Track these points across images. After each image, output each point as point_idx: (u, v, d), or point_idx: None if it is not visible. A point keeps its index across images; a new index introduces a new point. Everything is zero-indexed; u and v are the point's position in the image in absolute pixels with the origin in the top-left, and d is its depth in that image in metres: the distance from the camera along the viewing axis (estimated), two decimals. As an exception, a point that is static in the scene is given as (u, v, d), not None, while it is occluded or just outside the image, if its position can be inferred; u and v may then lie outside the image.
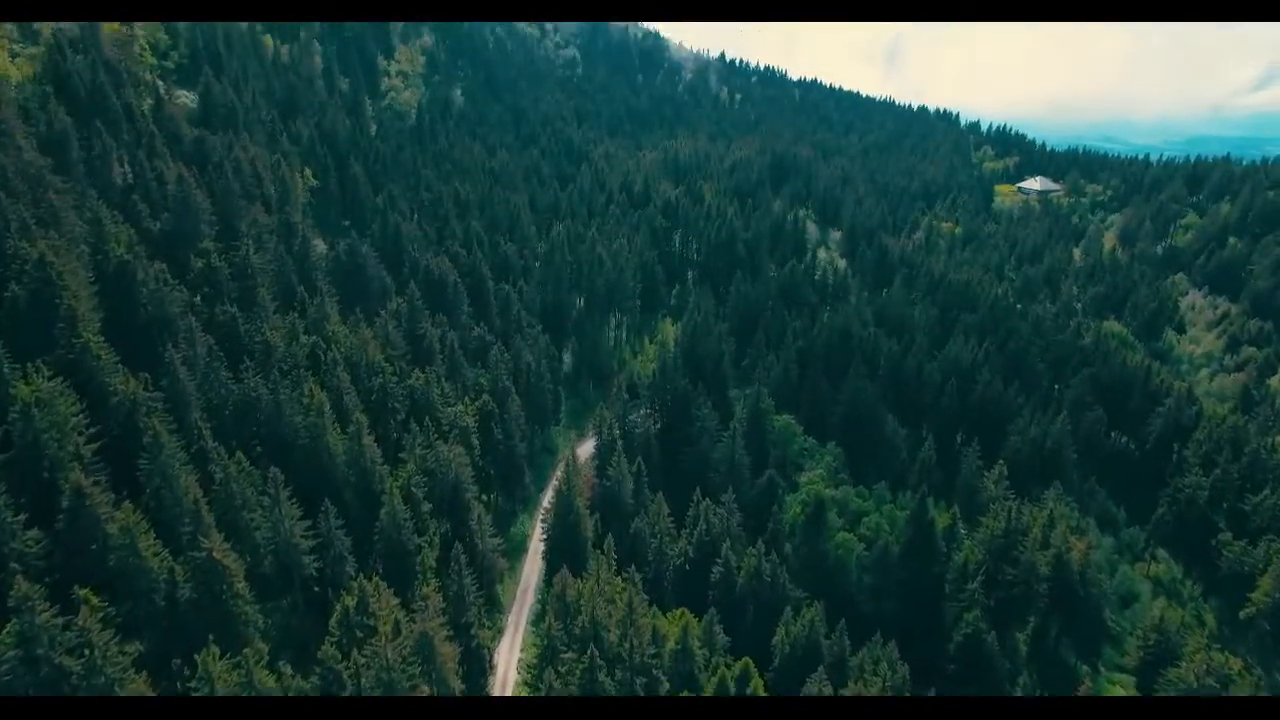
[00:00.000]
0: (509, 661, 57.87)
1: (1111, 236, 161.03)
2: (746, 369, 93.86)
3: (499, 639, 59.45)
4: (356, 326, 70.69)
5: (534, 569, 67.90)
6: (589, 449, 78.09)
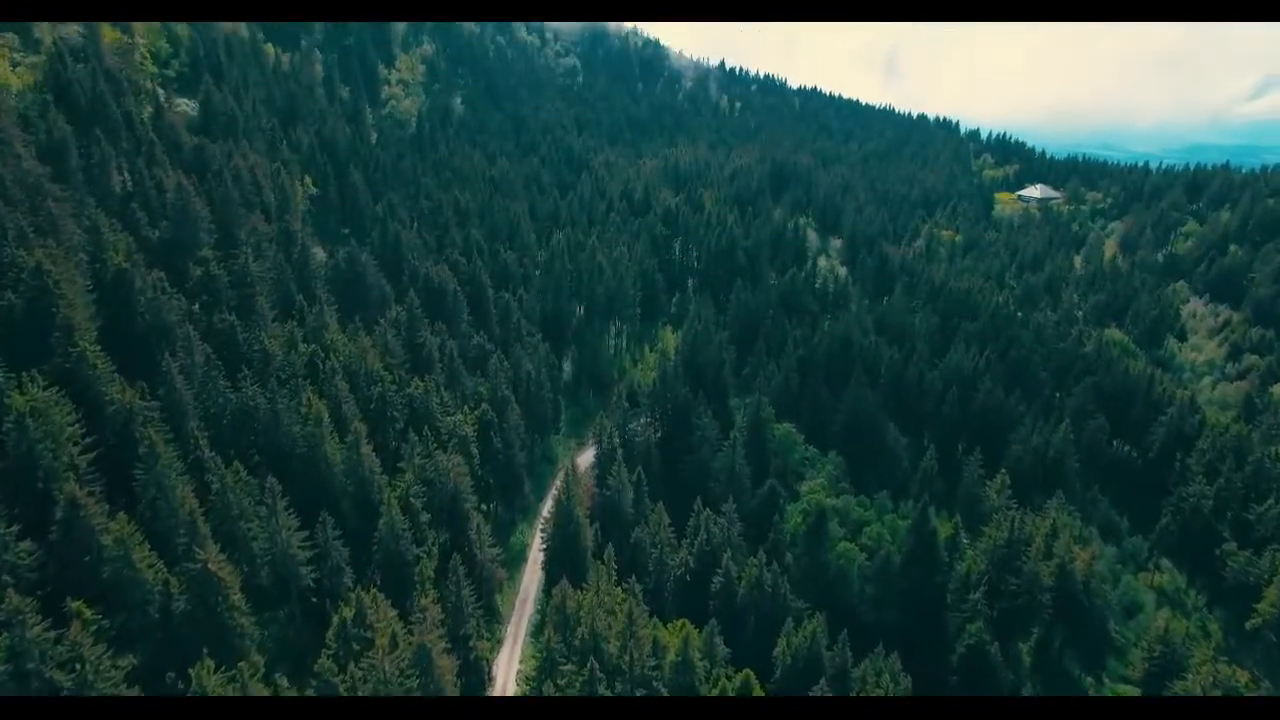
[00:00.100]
0: (508, 673, 57.26)
1: (1112, 244, 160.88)
2: (747, 377, 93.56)
3: (498, 650, 58.87)
4: (355, 335, 70.44)
5: (533, 579, 67.44)
6: (589, 458, 77.74)
